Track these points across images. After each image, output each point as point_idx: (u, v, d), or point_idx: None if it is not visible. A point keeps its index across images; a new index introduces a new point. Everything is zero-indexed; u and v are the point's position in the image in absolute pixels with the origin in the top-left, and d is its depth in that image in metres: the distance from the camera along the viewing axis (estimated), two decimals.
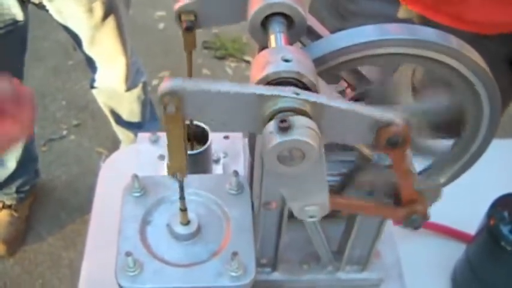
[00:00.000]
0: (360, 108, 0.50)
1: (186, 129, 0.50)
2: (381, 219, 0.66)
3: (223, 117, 0.49)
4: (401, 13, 1.02)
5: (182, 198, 0.59)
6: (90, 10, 1.41)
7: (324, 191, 0.53)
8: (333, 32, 0.58)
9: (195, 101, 0.47)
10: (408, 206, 0.60)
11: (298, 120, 0.45)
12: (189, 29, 0.61)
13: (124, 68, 1.60)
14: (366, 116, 0.49)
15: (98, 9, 1.42)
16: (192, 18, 0.61)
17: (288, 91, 0.46)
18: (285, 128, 0.44)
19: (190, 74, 0.67)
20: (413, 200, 0.60)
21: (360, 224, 0.66)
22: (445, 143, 0.66)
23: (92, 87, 1.69)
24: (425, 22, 0.99)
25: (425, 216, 0.61)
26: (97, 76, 1.63)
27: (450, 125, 0.61)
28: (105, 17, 1.45)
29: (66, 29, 1.50)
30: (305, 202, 0.54)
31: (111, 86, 1.67)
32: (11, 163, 1.70)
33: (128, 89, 1.67)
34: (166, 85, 0.46)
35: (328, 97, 0.49)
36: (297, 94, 0.46)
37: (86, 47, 1.53)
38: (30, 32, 1.48)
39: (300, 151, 0.45)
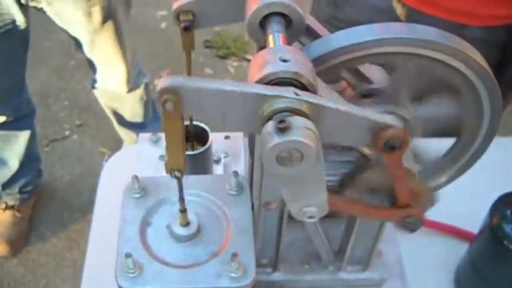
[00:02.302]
0: (359, 110, 0.49)
1: (186, 129, 0.50)
2: (379, 220, 0.66)
3: (222, 115, 0.48)
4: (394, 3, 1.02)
5: (181, 198, 0.59)
6: (89, 14, 1.41)
7: (323, 191, 0.53)
8: (326, 19, 0.57)
9: (194, 98, 0.47)
10: (403, 209, 0.60)
11: (297, 121, 0.45)
12: (188, 29, 0.61)
13: (124, 73, 1.60)
14: (364, 119, 0.49)
15: (97, 14, 1.42)
16: (190, 18, 0.61)
17: (288, 91, 0.46)
18: (283, 128, 0.44)
19: (189, 74, 0.67)
20: (408, 204, 0.60)
21: (361, 223, 0.66)
22: (434, 154, 0.66)
23: (94, 87, 1.69)
24: (410, 13, 0.99)
25: (420, 220, 0.61)
26: (98, 77, 1.63)
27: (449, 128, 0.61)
28: (104, 21, 1.44)
29: (66, 32, 1.50)
30: (304, 203, 0.53)
31: (113, 87, 1.67)
32: (14, 163, 1.70)
33: (130, 90, 1.67)
34: (165, 82, 0.46)
35: (327, 98, 0.48)
36: (297, 95, 0.46)
37: (86, 50, 1.53)
38: (31, 32, 1.49)
39: (299, 152, 0.45)
